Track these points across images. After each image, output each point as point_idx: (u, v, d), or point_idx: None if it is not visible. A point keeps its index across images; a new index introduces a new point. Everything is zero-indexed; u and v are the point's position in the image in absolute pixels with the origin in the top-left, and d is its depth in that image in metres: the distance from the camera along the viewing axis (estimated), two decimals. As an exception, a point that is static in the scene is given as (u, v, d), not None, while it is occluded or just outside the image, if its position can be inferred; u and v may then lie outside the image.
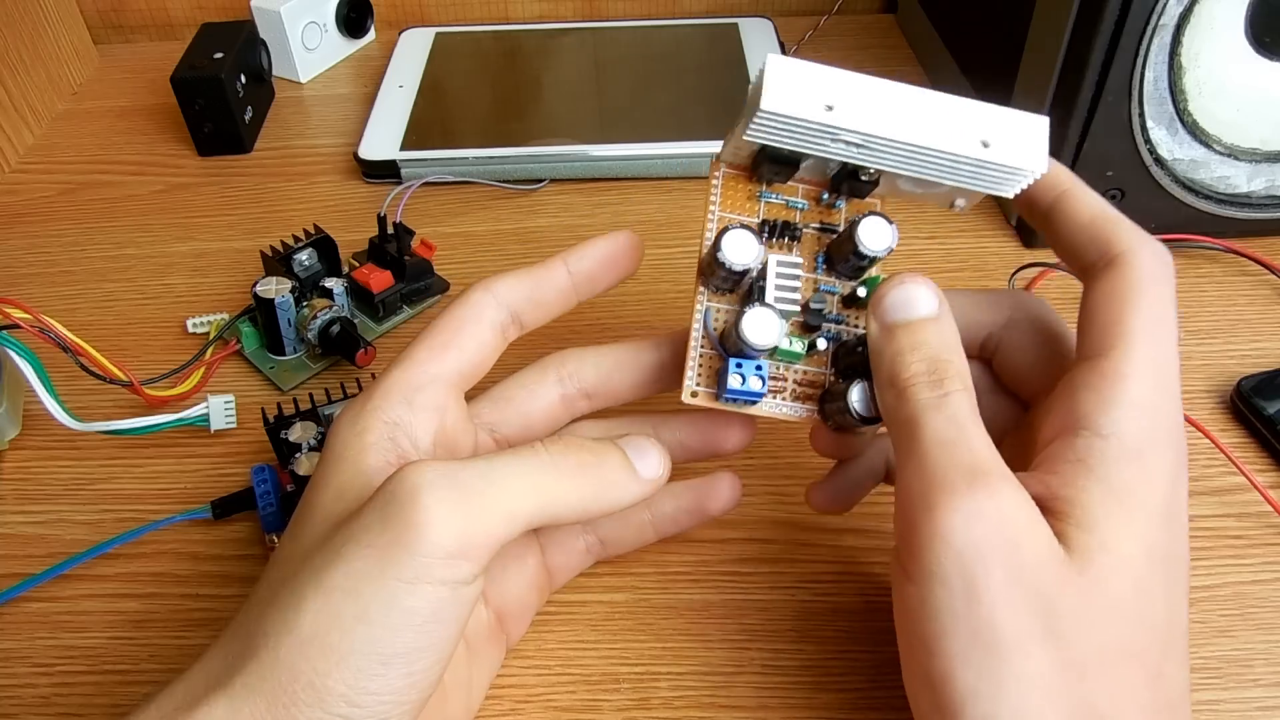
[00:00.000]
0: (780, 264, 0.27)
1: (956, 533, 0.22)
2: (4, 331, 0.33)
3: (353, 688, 0.21)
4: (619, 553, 0.31)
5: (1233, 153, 0.41)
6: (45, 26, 0.57)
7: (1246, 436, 0.37)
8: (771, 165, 0.27)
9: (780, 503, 0.35)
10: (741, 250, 0.26)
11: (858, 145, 0.25)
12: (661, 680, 0.30)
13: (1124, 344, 0.24)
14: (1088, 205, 0.26)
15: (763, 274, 0.27)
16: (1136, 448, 0.23)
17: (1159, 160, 0.41)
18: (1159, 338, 0.24)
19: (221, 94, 0.51)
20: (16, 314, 0.33)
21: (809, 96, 0.24)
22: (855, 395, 0.26)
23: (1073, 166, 0.41)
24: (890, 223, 0.27)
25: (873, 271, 0.28)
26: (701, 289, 0.28)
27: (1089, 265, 0.26)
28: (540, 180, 0.51)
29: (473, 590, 0.23)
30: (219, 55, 0.52)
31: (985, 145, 0.25)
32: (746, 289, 0.28)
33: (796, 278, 0.27)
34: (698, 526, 0.32)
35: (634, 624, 0.31)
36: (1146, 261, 0.25)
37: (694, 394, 0.27)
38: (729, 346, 0.27)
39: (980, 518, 0.22)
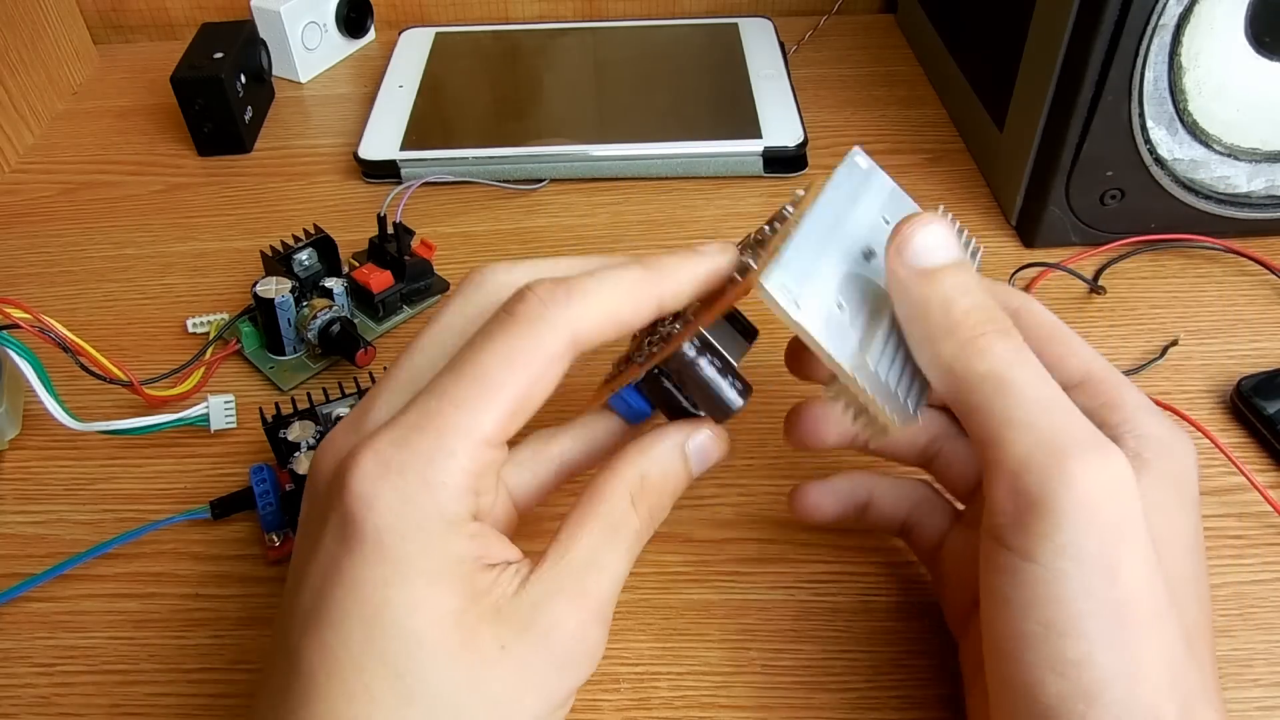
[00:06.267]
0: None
1: (1097, 502, 0.20)
2: (4, 331, 0.33)
3: None
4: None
5: (1233, 153, 0.41)
6: (45, 26, 0.57)
7: (1246, 436, 0.37)
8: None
9: (780, 503, 0.35)
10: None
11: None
12: (661, 680, 0.30)
13: (1099, 366, 0.26)
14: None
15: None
16: (1171, 445, 0.24)
17: (1159, 160, 0.41)
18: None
19: (221, 94, 0.51)
20: (16, 314, 0.33)
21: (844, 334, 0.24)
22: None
23: (1072, 166, 0.41)
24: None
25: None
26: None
27: None
28: (540, 180, 0.51)
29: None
30: (219, 55, 0.52)
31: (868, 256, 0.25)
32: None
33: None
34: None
35: (634, 624, 0.31)
36: (1042, 307, 0.27)
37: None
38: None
39: (1117, 485, 0.21)
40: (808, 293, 0.23)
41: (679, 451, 0.25)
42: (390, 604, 0.21)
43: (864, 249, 0.25)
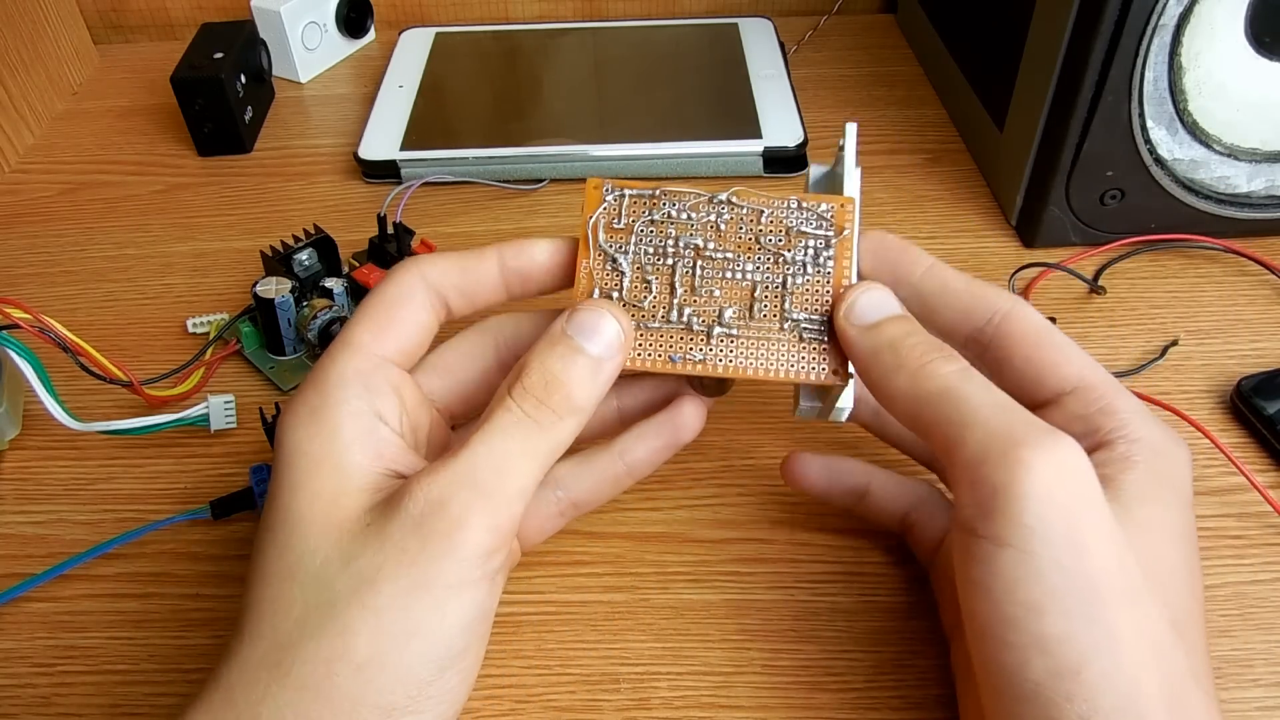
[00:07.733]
0: None
1: (1054, 484, 0.22)
2: (4, 331, 0.33)
3: (415, 698, 0.22)
4: (593, 508, 0.30)
5: (1233, 153, 0.41)
6: (45, 26, 0.57)
7: (1246, 436, 0.37)
8: None
9: (780, 503, 0.35)
10: None
11: None
12: (661, 680, 0.30)
13: (1093, 372, 0.26)
14: (957, 274, 0.28)
15: None
16: (1163, 447, 0.25)
17: (1159, 160, 0.41)
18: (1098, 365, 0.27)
19: (221, 94, 0.51)
20: (16, 314, 0.33)
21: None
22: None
23: (1072, 166, 0.41)
24: None
25: None
26: None
27: (980, 324, 0.27)
28: (540, 180, 0.51)
29: (503, 573, 0.24)
30: (219, 55, 0.52)
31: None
32: None
33: None
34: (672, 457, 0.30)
35: (634, 624, 0.31)
36: (1033, 311, 0.27)
37: None
38: None
39: (1071, 469, 0.22)
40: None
41: (557, 332, 0.26)
42: (292, 491, 0.24)
43: None
